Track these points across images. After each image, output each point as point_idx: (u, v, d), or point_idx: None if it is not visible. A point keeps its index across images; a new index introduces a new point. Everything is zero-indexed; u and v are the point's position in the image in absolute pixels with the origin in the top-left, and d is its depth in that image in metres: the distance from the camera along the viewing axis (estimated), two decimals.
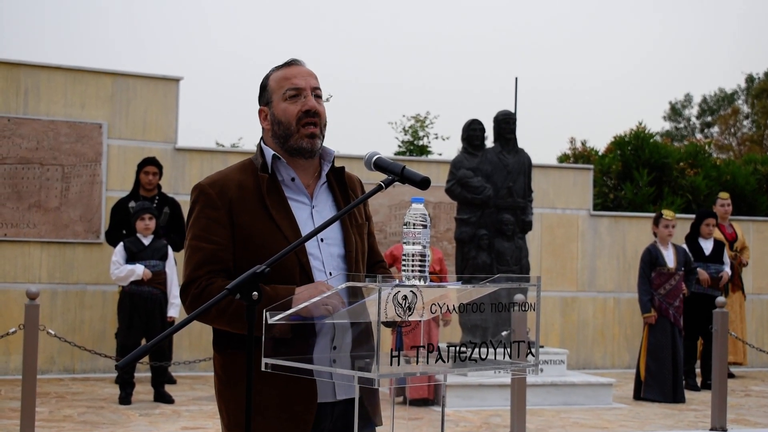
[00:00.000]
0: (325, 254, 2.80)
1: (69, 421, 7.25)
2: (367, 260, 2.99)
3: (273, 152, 2.83)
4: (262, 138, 2.93)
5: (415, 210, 2.51)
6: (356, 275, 2.78)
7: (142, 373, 9.25)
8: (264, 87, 2.89)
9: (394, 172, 2.67)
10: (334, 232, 2.85)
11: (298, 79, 2.81)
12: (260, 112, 2.89)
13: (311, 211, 2.84)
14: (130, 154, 10.31)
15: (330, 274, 2.78)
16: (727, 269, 10.40)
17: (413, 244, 2.48)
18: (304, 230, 2.76)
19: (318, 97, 2.84)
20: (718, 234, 10.73)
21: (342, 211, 2.69)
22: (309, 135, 2.80)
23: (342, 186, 2.93)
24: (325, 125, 2.86)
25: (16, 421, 6.61)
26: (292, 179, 2.83)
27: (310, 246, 2.77)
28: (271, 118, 2.84)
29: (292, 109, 2.80)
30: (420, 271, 2.47)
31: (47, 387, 8.92)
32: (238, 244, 2.74)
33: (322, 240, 2.81)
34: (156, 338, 2.38)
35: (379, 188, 2.65)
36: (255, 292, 2.37)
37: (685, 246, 10.04)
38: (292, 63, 2.86)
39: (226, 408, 2.80)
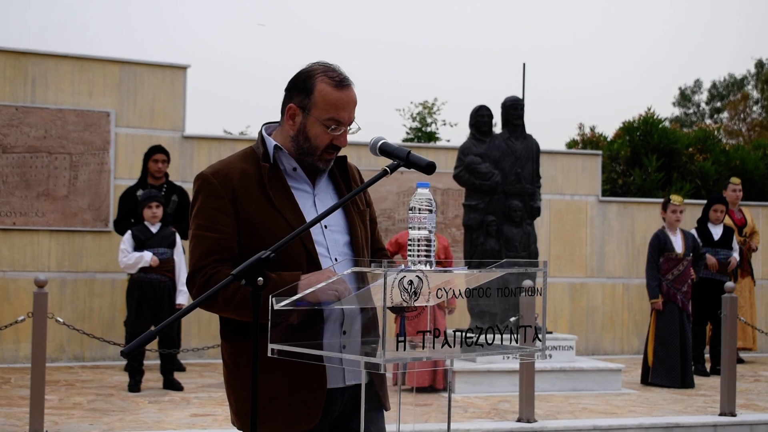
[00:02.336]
0: (330, 241, 2.80)
1: (78, 409, 7.28)
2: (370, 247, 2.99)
3: (275, 142, 2.82)
4: (264, 126, 2.91)
5: (420, 195, 2.50)
6: (361, 260, 2.77)
7: (152, 360, 9.27)
8: (306, 90, 2.77)
9: (399, 157, 2.67)
10: (337, 219, 2.84)
11: (344, 113, 2.77)
12: (289, 108, 2.81)
13: (314, 199, 2.84)
14: (138, 142, 10.31)
15: (336, 260, 2.77)
16: (736, 255, 10.37)
17: (419, 228, 2.48)
18: (308, 218, 2.76)
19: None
20: (727, 220, 10.69)
21: (347, 197, 2.69)
22: (327, 160, 2.83)
23: (344, 174, 2.93)
24: None
25: (25, 409, 6.64)
26: (294, 169, 2.83)
27: (315, 233, 2.77)
28: (300, 127, 2.79)
29: (325, 138, 2.78)
30: (426, 255, 2.46)
31: (57, 375, 8.95)
32: (243, 233, 2.74)
33: (326, 227, 2.81)
34: (161, 324, 2.38)
35: (384, 173, 2.64)
36: (260, 278, 2.37)
37: (693, 231, 10.01)
38: (345, 85, 2.78)
39: (235, 396, 2.79)
